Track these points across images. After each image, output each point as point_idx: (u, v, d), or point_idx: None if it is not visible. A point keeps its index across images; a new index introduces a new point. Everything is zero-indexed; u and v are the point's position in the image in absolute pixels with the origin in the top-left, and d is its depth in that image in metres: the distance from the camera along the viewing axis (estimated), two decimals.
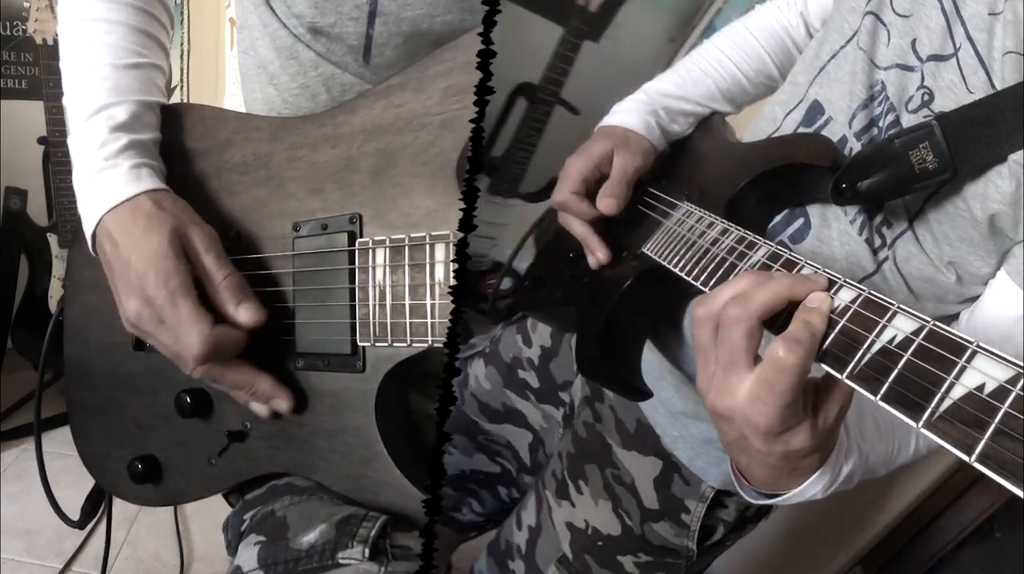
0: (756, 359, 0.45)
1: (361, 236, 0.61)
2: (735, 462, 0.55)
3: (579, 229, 0.72)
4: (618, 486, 0.81)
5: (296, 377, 0.65)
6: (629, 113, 0.74)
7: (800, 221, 0.64)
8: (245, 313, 0.62)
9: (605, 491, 0.82)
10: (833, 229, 0.62)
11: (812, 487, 0.52)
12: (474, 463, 1.00)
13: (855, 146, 0.59)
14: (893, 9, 0.58)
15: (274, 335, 0.65)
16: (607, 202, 0.70)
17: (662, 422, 0.78)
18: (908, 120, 0.55)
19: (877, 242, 0.59)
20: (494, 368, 0.97)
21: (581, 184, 0.71)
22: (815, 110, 0.63)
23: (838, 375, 0.42)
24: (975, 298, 0.61)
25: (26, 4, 1.87)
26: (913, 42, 0.56)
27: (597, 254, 0.70)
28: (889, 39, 0.57)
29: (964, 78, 0.52)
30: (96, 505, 0.91)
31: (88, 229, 0.65)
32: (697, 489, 0.77)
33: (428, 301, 0.58)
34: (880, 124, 0.58)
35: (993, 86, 0.50)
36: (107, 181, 0.64)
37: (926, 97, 0.54)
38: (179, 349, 0.61)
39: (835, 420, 0.47)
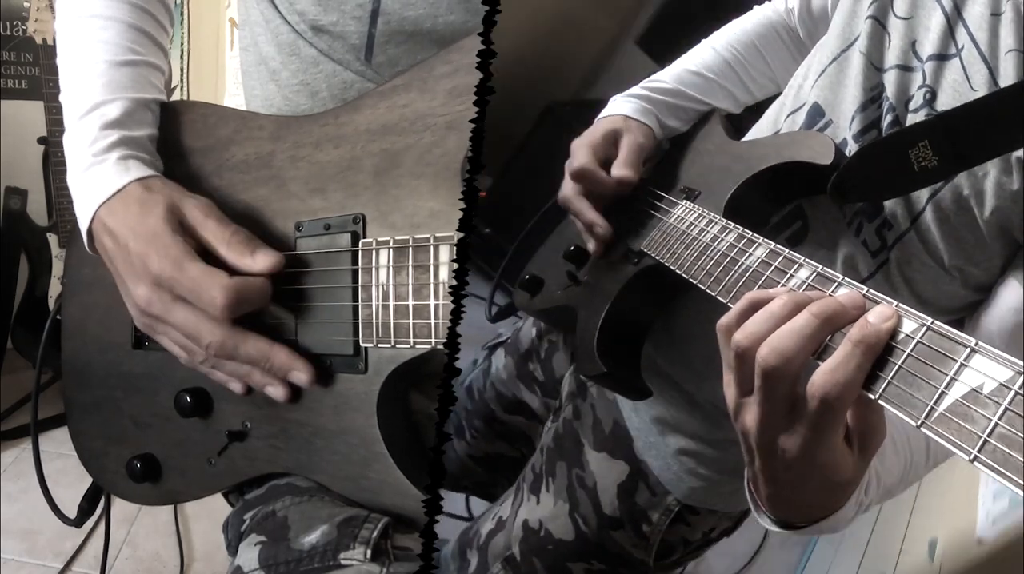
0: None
1: (364, 237, 0.62)
2: (755, 489, 0.52)
3: (581, 205, 0.71)
4: (579, 489, 0.79)
5: None
6: (625, 103, 0.75)
7: (798, 223, 0.64)
8: (263, 259, 0.61)
9: (567, 492, 0.80)
10: (831, 231, 0.61)
11: (836, 523, 0.50)
12: (496, 448, 1.00)
13: (854, 148, 0.59)
14: (894, 12, 0.58)
15: (276, 335, 0.65)
16: (623, 171, 0.69)
17: (638, 425, 0.77)
18: (910, 120, 0.55)
19: (876, 244, 0.59)
20: (511, 359, 0.98)
21: (594, 158, 0.70)
22: (816, 113, 0.63)
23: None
24: (977, 303, 0.61)
25: (26, 4, 1.87)
26: (913, 43, 0.56)
27: (598, 229, 0.70)
28: (890, 42, 0.58)
29: (968, 77, 0.52)
30: (93, 503, 0.91)
31: (83, 225, 0.65)
32: (662, 501, 0.76)
33: (432, 302, 0.58)
34: (881, 125, 0.58)
35: (997, 84, 0.50)
36: (96, 176, 0.64)
37: (928, 96, 0.54)
38: (197, 319, 0.60)
39: (872, 450, 0.44)
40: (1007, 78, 0.50)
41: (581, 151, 0.71)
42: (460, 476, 1.05)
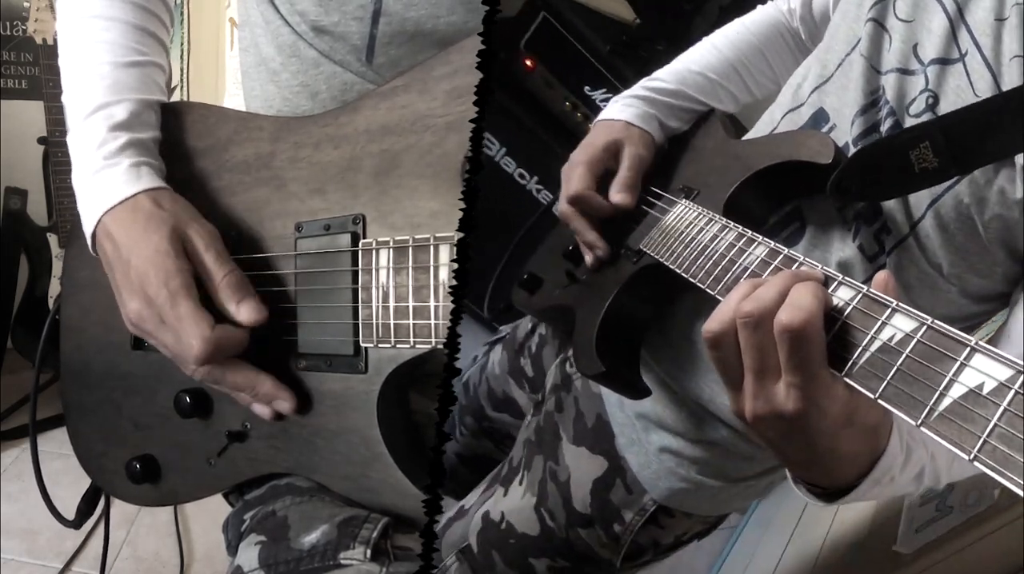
0: None
1: (364, 237, 0.61)
2: (802, 477, 0.53)
3: (580, 225, 0.71)
4: (551, 482, 0.79)
5: (298, 377, 0.65)
6: (627, 107, 0.74)
7: (796, 224, 0.64)
8: (246, 311, 0.62)
9: (537, 486, 0.79)
10: (828, 234, 0.61)
11: (887, 467, 0.50)
12: (481, 448, 1.00)
13: (854, 151, 0.59)
14: (895, 15, 0.58)
15: (276, 335, 0.65)
16: (622, 197, 0.69)
17: (622, 421, 0.77)
18: (910, 124, 0.55)
19: (875, 249, 0.59)
20: (506, 354, 0.97)
21: (592, 179, 0.70)
22: (820, 118, 0.63)
23: (837, 374, 0.42)
24: (978, 314, 0.61)
25: (26, 4, 1.87)
26: (915, 47, 0.55)
27: (597, 250, 0.70)
28: (891, 44, 0.57)
29: (972, 83, 0.51)
30: (92, 504, 0.91)
31: (88, 229, 0.65)
32: (638, 500, 0.75)
33: (432, 303, 0.58)
34: (881, 129, 0.58)
35: (1000, 91, 0.50)
36: (106, 180, 0.64)
37: (930, 100, 0.54)
38: (180, 349, 0.61)
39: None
40: (1011, 84, 0.49)
41: (577, 173, 0.70)
42: (447, 478, 1.04)
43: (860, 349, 0.41)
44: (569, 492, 0.77)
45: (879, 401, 0.39)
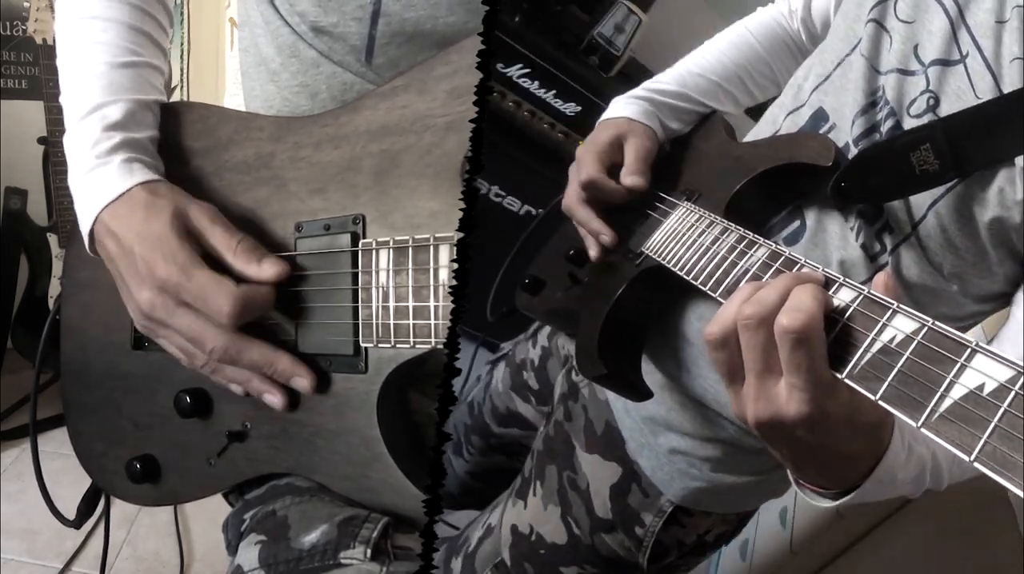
0: None
1: (364, 237, 0.62)
2: (803, 479, 0.53)
3: (585, 214, 0.71)
4: (571, 491, 0.79)
5: None
6: (628, 105, 0.75)
7: (796, 223, 0.64)
8: (270, 267, 0.61)
9: (558, 495, 0.80)
10: (829, 233, 0.61)
11: (889, 470, 0.50)
12: (495, 462, 1.00)
13: (855, 152, 0.59)
14: (896, 15, 0.58)
15: (276, 335, 0.65)
16: (633, 179, 0.70)
17: (630, 426, 0.77)
18: (910, 125, 0.55)
19: (876, 248, 0.59)
20: (509, 371, 0.98)
21: (602, 166, 0.71)
22: (820, 118, 0.63)
23: (838, 375, 0.42)
24: (979, 313, 0.61)
25: (26, 4, 1.87)
26: (915, 47, 0.55)
27: (603, 237, 0.70)
28: (891, 45, 0.57)
29: (972, 85, 0.51)
30: (92, 504, 0.91)
31: (85, 228, 0.65)
32: (655, 502, 0.76)
33: (432, 303, 0.58)
34: (881, 129, 0.58)
35: (1001, 93, 0.50)
36: (100, 178, 0.64)
37: (931, 101, 0.54)
38: (202, 325, 0.60)
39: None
40: (1011, 87, 0.49)
41: (588, 160, 0.71)
42: (460, 494, 1.04)
43: (861, 350, 0.41)
44: (590, 499, 0.78)
45: (880, 402, 0.39)
